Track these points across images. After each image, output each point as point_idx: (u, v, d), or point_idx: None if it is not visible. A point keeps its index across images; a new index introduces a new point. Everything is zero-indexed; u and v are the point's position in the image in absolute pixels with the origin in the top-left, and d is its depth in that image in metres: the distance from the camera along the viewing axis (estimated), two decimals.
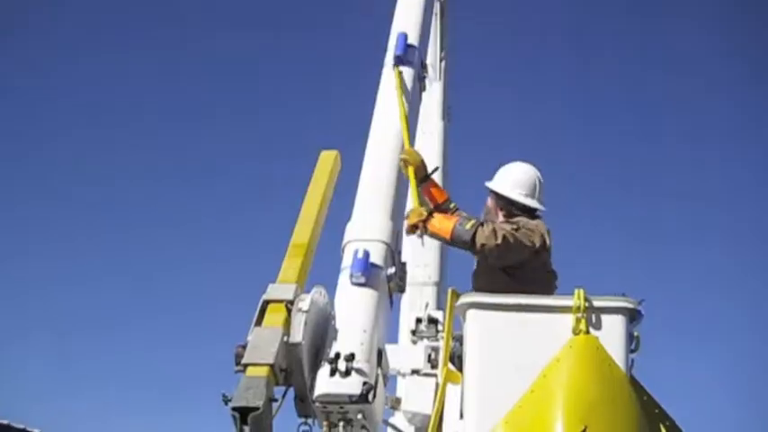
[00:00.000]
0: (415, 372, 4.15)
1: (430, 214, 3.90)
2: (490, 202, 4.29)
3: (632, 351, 3.23)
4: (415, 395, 4.05)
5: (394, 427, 3.77)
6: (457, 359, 3.52)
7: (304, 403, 3.13)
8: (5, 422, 14.59)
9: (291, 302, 3.17)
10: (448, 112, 6.27)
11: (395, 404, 4.36)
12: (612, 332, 3.15)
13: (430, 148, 5.92)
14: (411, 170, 4.07)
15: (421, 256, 5.39)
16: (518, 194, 4.17)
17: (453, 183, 6.09)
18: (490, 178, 4.30)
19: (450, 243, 3.97)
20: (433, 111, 6.09)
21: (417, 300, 5.21)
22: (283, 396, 3.06)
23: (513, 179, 4.22)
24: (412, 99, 4.36)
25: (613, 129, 18.45)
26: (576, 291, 3.22)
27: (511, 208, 4.18)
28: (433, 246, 5.49)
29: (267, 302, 3.20)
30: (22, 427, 15.01)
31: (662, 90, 17.37)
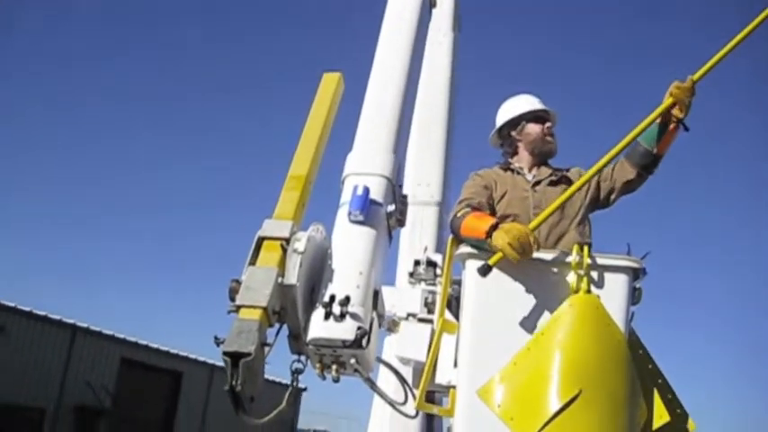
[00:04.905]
0: (411, 315, 4.09)
1: None
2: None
3: (633, 303, 3.16)
4: (410, 341, 4.00)
5: (389, 365, 3.73)
6: (455, 301, 3.45)
7: (298, 341, 3.08)
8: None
9: (287, 240, 3.07)
10: (458, 22, 6.00)
11: (392, 326, 4.32)
12: (614, 291, 3.07)
13: (439, 58, 5.73)
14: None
15: (423, 175, 5.28)
16: None
17: (461, 94, 5.94)
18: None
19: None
20: (444, 22, 5.82)
21: (418, 221, 5.11)
22: (276, 336, 3.01)
23: None
24: (420, 19, 4.11)
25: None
26: (578, 247, 3.12)
27: None
28: (435, 164, 5.37)
29: (262, 239, 3.11)
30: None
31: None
